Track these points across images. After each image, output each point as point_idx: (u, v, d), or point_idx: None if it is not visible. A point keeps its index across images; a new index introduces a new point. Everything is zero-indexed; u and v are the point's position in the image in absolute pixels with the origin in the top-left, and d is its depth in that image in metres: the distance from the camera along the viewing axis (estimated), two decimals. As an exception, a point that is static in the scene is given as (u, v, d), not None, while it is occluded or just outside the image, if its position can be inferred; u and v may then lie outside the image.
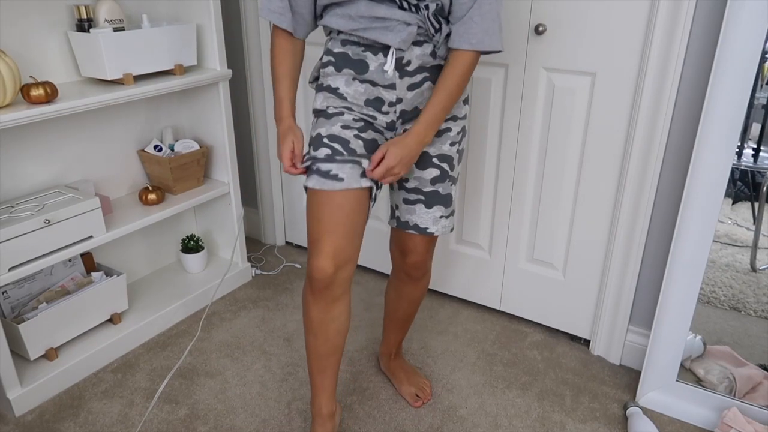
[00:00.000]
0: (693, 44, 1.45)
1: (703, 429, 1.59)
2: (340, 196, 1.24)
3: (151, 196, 1.92)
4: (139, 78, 1.78)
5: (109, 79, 1.68)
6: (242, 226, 2.21)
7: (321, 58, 1.33)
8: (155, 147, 2.02)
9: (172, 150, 2.03)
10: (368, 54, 1.25)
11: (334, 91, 1.30)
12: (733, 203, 1.56)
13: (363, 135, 1.29)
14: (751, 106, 1.40)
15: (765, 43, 1.32)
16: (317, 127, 1.31)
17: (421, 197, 1.38)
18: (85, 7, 1.69)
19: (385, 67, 1.24)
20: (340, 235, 1.24)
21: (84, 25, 1.70)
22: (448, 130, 1.35)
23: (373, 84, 1.27)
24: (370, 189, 1.29)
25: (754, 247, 1.59)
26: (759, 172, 1.54)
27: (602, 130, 1.66)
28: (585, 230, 1.79)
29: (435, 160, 1.35)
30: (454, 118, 1.35)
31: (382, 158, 1.23)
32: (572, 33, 1.61)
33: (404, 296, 1.59)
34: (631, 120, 1.60)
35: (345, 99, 1.29)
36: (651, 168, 1.59)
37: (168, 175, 1.97)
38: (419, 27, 1.21)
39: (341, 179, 1.23)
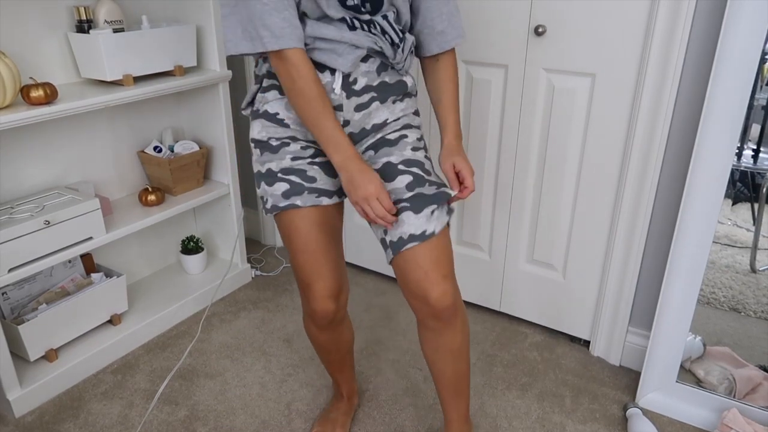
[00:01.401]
0: (693, 45, 1.45)
1: (703, 430, 1.59)
2: (305, 217, 1.21)
3: (151, 197, 1.92)
4: (138, 79, 1.78)
5: (108, 80, 1.68)
6: (242, 227, 2.21)
7: (260, 82, 1.23)
8: (155, 148, 2.02)
9: (172, 151, 2.03)
10: None
11: (272, 117, 1.20)
12: (733, 204, 1.56)
13: (317, 160, 1.22)
14: (750, 107, 1.40)
15: (765, 43, 1.32)
16: (265, 162, 1.22)
17: (406, 204, 1.17)
18: (85, 8, 1.69)
19: (333, 86, 1.15)
20: (327, 270, 1.23)
21: (84, 26, 1.70)
22: (404, 137, 1.23)
23: None
24: (338, 204, 1.28)
25: (754, 248, 1.59)
26: (759, 173, 1.54)
27: (602, 131, 1.66)
28: (585, 231, 1.79)
29: (401, 167, 1.19)
30: (408, 126, 1.25)
31: (457, 175, 1.24)
32: (572, 34, 1.61)
33: (443, 348, 1.27)
34: (630, 121, 1.60)
35: (287, 126, 1.21)
36: (651, 169, 1.59)
37: (168, 176, 1.98)
38: (370, 49, 1.14)
39: (302, 205, 1.20)
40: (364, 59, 1.16)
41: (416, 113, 1.29)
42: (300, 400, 1.69)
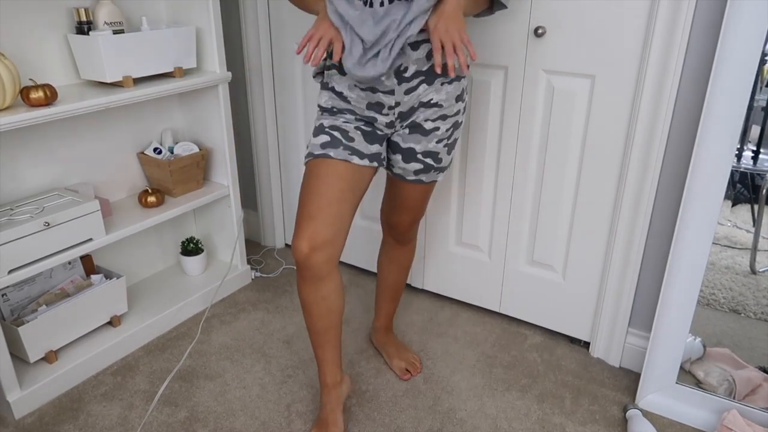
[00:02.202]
0: (692, 46, 1.45)
1: (703, 431, 1.59)
2: (332, 167, 1.34)
3: (151, 199, 1.92)
4: (138, 81, 1.78)
5: (108, 81, 1.69)
6: (242, 228, 2.21)
7: (325, 60, 1.41)
8: (155, 149, 2.02)
9: (172, 152, 2.04)
10: None
11: (339, 94, 1.39)
12: (733, 205, 1.56)
13: (363, 128, 1.39)
14: (750, 108, 1.40)
15: (765, 44, 1.32)
16: (321, 119, 1.41)
17: (405, 178, 1.50)
18: (85, 9, 1.69)
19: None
20: (323, 218, 1.32)
21: (83, 27, 1.70)
22: (436, 129, 1.41)
23: (374, 90, 1.35)
24: (367, 168, 1.38)
25: (754, 249, 1.59)
26: (758, 174, 1.54)
27: (602, 132, 1.66)
28: (585, 232, 1.79)
29: (419, 156, 1.44)
30: (444, 117, 1.40)
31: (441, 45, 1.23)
32: (572, 35, 1.61)
33: (394, 261, 1.73)
34: (630, 122, 1.60)
35: (349, 102, 1.39)
36: (651, 170, 1.59)
37: (167, 178, 1.98)
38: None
39: (334, 157, 1.35)
40: (416, 47, 1.28)
41: (458, 98, 1.41)
42: (300, 401, 1.69)
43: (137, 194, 2.00)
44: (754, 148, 1.51)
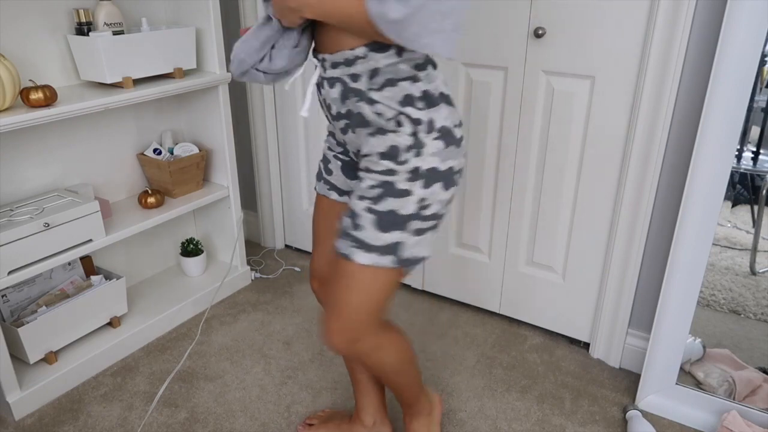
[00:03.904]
0: (692, 47, 1.45)
1: (703, 432, 1.59)
2: (319, 201, 1.30)
3: (151, 200, 1.92)
4: (138, 81, 1.78)
5: (108, 82, 1.69)
6: (242, 229, 2.21)
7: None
8: (155, 150, 2.02)
9: (172, 153, 2.04)
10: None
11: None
12: (733, 206, 1.56)
13: (341, 157, 1.22)
14: (750, 109, 1.40)
15: (764, 45, 1.32)
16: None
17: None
18: (85, 10, 1.69)
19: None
20: (317, 253, 1.35)
21: (83, 28, 1.70)
22: (359, 179, 1.08)
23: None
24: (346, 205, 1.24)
25: (754, 250, 1.59)
26: (758, 175, 1.54)
27: (602, 133, 1.66)
28: (584, 233, 1.79)
29: (345, 212, 1.10)
30: (368, 170, 1.07)
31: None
32: (572, 36, 1.61)
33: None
34: (630, 123, 1.60)
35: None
36: (650, 171, 1.59)
37: (167, 179, 1.98)
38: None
39: (317, 191, 1.31)
40: (332, 84, 1.06)
41: (390, 156, 1.04)
42: (300, 402, 1.69)
43: (137, 195, 2.00)
44: (754, 149, 1.51)
